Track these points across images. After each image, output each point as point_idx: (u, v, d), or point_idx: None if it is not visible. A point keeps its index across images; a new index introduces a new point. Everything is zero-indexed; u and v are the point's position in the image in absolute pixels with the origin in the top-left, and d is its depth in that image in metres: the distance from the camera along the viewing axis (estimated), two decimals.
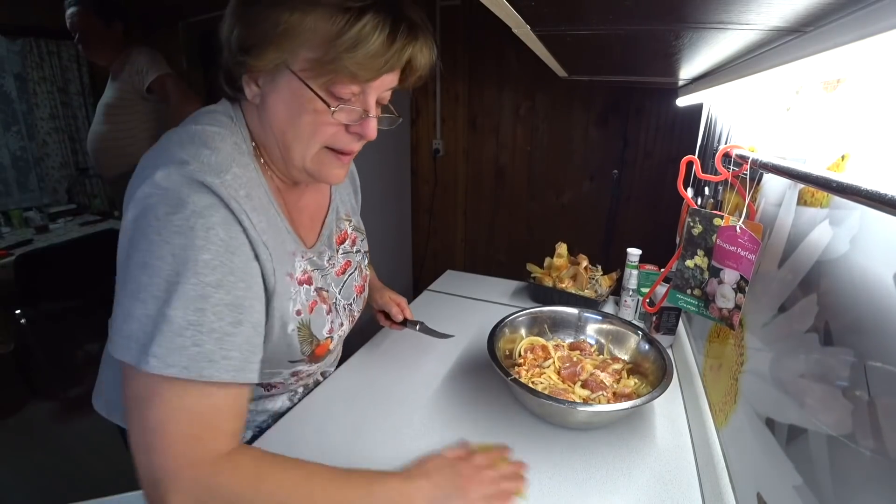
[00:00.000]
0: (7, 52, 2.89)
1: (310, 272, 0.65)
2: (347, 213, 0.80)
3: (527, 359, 0.88)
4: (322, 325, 0.66)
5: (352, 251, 0.78)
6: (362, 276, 0.80)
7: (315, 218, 0.71)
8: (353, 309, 0.77)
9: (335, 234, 0.74)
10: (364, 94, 0.54)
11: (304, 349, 0.64)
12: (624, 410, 0.70)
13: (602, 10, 0.38)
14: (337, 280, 0.72)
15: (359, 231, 0.83)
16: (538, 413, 0.78)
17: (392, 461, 0.70)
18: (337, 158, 0.59)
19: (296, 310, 0.60)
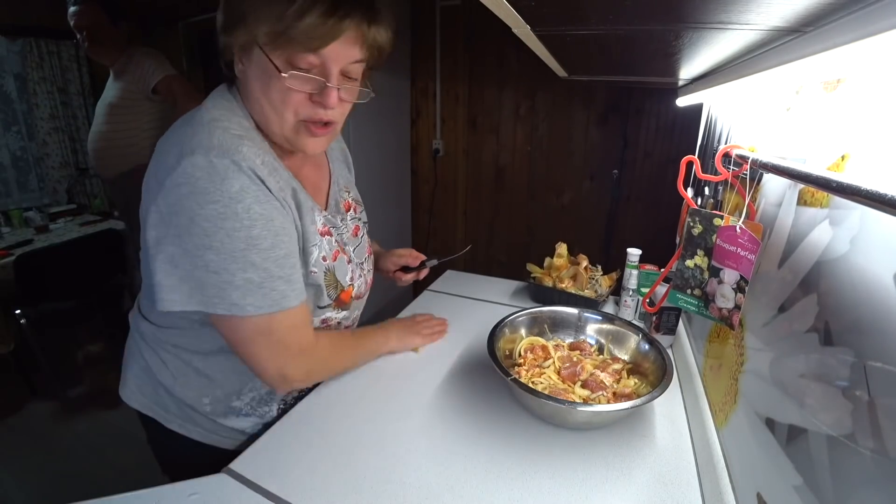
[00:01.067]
0: (7, 52, 2.89)
1: (328, 228, 0.74)
2: (346, 185, 0.87)
3: (527, 359, 0.88)
4: (345, 272, 0.75)
5: (358, 218, 0.86)
6: (368, 242, 0.89)
7: (319, 187, 0.79)
8: (365, 268, 0.85)
9: (341, 202, 0.82)
10: (324, 66, 0.60)
11: (331, 293, 0.73)
12: (624, 410, 0.70)
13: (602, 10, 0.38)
14: (352, 240, 0.81)
15: (358, 202, 0.90)
16: (538, 413, 0.78)
17: (392, 461, 0.70)
18: (307, 130, 0.64)
19: (322, 256, 0.70)
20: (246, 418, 0.79)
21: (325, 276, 0.71)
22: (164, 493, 0.63)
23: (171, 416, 0.76)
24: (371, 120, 2.10)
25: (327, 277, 0.72)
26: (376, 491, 0.64)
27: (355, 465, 0.69)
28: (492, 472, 0.68)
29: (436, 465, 0.69)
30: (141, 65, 1.85)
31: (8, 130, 2.99)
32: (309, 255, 0.68)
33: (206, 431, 0.77)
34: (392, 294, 2.43)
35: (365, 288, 0.84)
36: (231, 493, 0.64)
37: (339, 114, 0.66)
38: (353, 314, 0.85)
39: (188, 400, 0.74)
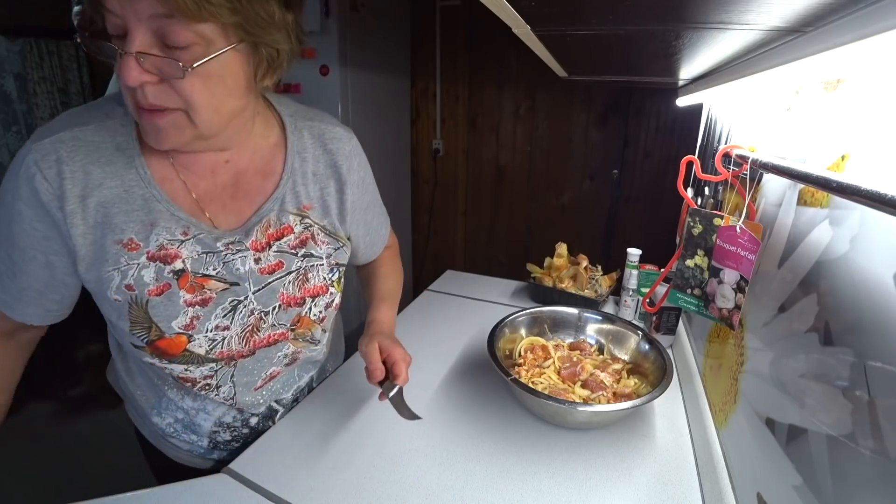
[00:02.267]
0: (7, 52, 2.89)
1: (181, 249, 0.56)
2: (305, 206, 0.66)
3: (527, 359, 0.88)
4: (172, 315, 0.56)
5: (293, 252, 0.64)
6: (305, 288, 0.66)
7: (245, 199, 0.62)
8: (263, 319, 0.63)
9: (270, 227, 0.62)
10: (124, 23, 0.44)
11: (138, 333, 0.56)
12: (624, 410, 0.70)
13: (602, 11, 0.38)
14: (258, 278, 0.62)
15: (328, 233, 0.68)
16: (538, 413, 0.78)
17: (392, 461, 0.70)
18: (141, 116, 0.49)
19: (125, 283, 0.54)
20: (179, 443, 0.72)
21: (130, 309, 0.55)
22: (163, 493, 0.63)
23: (130, 407, 0.75)
24: (371, 120, 2.10)
25: (132, 312, 0.55)
26: (376, 491, 0.64)
27: (355, 465, 0.69)
28: (492, 471, 0.68)
29: (436, 465, 0.69)
30: None
31: (8, 130, 2.99)
32: (107, 280, 0.54)
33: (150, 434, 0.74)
34: None
35: (243, 346, 0.63)
36: (231, 493, 0.64)
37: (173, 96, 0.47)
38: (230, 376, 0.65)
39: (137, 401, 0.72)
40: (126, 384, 0.72)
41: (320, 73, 1.85)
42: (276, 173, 0.64)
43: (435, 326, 1.13)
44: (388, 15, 2.13)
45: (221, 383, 0.65)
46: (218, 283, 0.59)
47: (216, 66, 0.48)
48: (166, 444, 0.73)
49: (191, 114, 0.49)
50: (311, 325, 0.69)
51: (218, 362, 0.62)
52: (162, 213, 0.56)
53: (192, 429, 0.70)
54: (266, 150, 0.63)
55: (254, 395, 0.70)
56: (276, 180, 0.64)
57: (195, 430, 0.70)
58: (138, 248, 0.55)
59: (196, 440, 0.71)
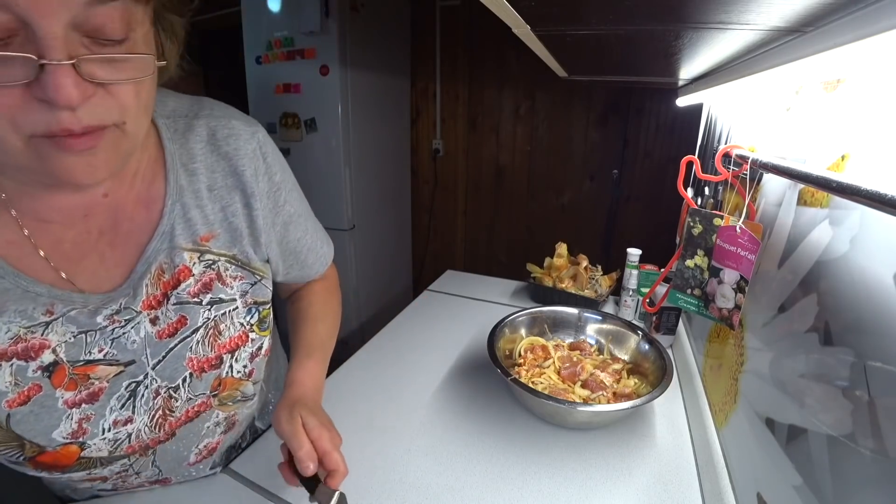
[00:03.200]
0: None
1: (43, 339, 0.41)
2: (203, 237, 0.50)
3: (527, 359, 0.88)
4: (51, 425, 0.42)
5: (194, 302, 0.49)
6: (218, 344, 0.51)
7: (125, 245, 0.47)
8: (175, 397, 0.49)
9: (164, 273, 0.48)
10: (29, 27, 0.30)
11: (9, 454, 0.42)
12: (624, 410, 0.70)
13: (602, 11, 0.38)
14: (156, 346, 0.47)
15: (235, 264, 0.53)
16: (538, 413, 0.78)
17: (392, 461, 0.70)
18: (57, 146, 0.34)
19: None
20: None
21: None
22: (163, 494, 0.63)
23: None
24: (371, 120, 2.10)
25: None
26: (376, 491, 0.64)
27: (355, 464, 0.69)
28: (492, 471, 0.68)
29: (436, 465, 0.69)
30: None
31: None
32: None
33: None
34: (392, 294, 2.43)
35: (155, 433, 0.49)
36: (231, 494, 0.64)
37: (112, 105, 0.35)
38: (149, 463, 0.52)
39: None
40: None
41: (320, 73, 1.85)
42: (159, 199, 0.48)
43: (435, 326, 1.13)
44: (388, 15, 2.13)
45: (142, 470, 0.52)
46: (108, 368, 0.45)
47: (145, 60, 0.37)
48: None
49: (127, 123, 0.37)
50: (238, 384, 0.55)
51: (130, 457, 0.49)
52: (9, 292, 0.40)
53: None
54: (146, 168, 0.47)
55: (189, 470, 0.58)
56: (158, 212, 0.48)
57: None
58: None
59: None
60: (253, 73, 2.05)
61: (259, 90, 2.05)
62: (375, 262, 2.24)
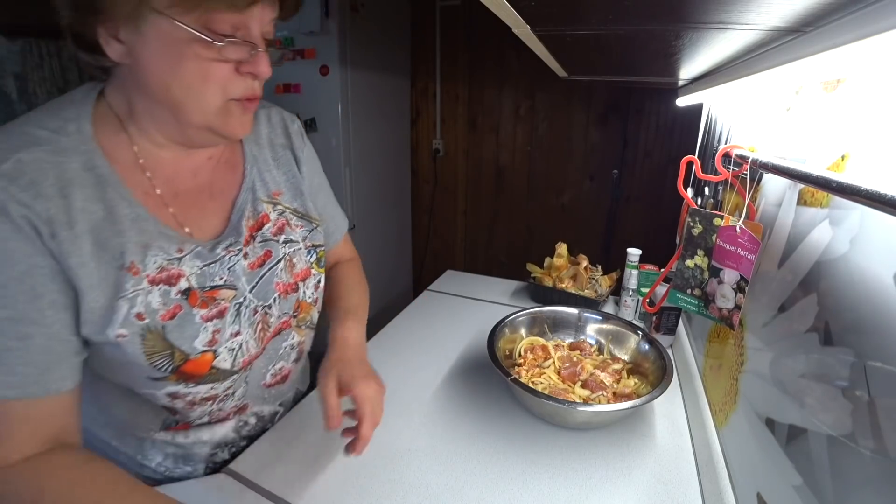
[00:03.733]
0: (7, 52, 2.89)
1: (182, 267, 0.52)
2: (277, 192, 0.65)
3: (527, 359, 0.88)
4: (193, 334, 0.53)
5: (275, 240, 0.62)
6: (295, 272, 0.64)
7: (219, 201, 0.59)
8: (268, 314, 0.61)
9: (249, 219, 0.60)
10: (247, 28, 0.47)
11: (159, 363, 0.51)
12: (624, 410, 0.70)
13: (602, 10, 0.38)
14: (251, 274, 0.59)
15: (300, 216, 0.67)
16: (538, 413, 0.78)
17: (392, 461, 0.70)
18: (241, 107, 0.51)
19: (135, 312, 0.49)
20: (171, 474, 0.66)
21: (144, 340, 0.50)
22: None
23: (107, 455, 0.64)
24: (371, 120, 2.10)
25: (148, 342, 0.50)
26: (376, 491, 0.64)
27: (355, 464, 0.69)
28: (492, 471, 0.68)
29: (436, 465, 0.69)
30: None
31: None
32: (111, 314, 0.48)
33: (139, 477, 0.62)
34: (392, 294, 2.43)
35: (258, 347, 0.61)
36: (231, 493, 0.64)
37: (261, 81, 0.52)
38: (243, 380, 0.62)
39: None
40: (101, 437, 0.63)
41: (320, 73, 1.85)
42: (239, 163, 0.62)
43: (435, 326, 1.13)
44: (388, 15, 2.13)
45: (236, 389, 0.62)
46: (227, 292, 0.56)
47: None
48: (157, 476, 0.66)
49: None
50: (309, 309, 0.68)
51: (237, 375, 0.59)
52: (152, 232, 0.51)
53: (185, 460, 0.66)
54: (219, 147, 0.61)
55: (263, 393, 0.68)
56: (241, 170, 0.62)
57: (190, 461, 0.66)
58: (139, 273, 0.49)
59: (191, 470, 0.67)
60: None
61: None
62: (375, 262, 2.24)
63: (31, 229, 0.44)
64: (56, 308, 0.46)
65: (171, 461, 0.65)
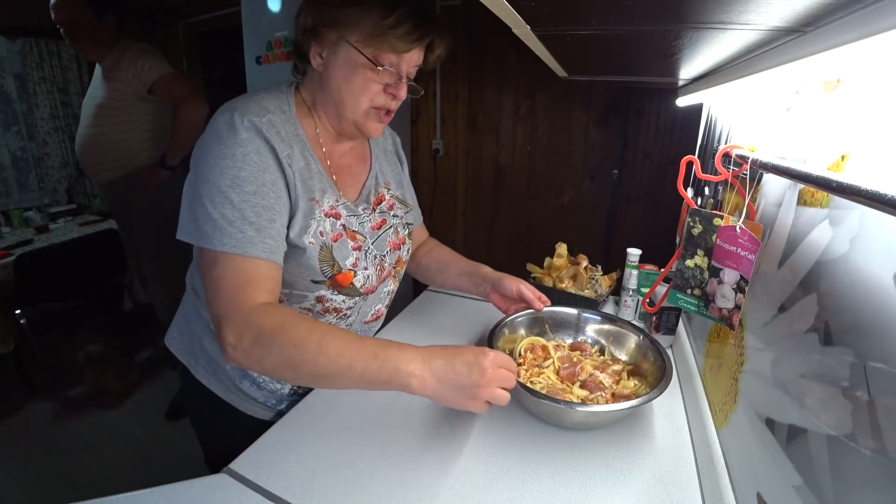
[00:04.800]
0: (7, 52, 2.89)
1: (339, 210, 0.76)
2: (388, 182, 0.90)
3: (526, 359, 0.88)
4: (346, 255, 0.75)
5: (388, 213, 0.87)
6: (398, 237, 0.88)
7: (357, 177, 0.84)
8: (384, 260, 0.84)
9: (373, 196, 0.85)
10: (399, 65, 0.71)
11: (325, 269, 0.73)
12: (622, 411, 0.70)
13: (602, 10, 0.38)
14: (372, 233, 0.82)
15: (400, 201, 0.91)
16: (535, 412, 0.78)
17: (392, 461, 0.70)
18: (377, 114, 0.75)
19: (319, 230, 0.72)
20: (259, 390, 0.83)
21: (321, 250, 0.72)
22: (163, 493, 0.63)
23: (199, 367, 0.83)
24: None
25: (322, 252, 0.72)
26: (376, 491, 0.64)
27: (355, 464, 0.69)
28: (492, 471, 0.68)
29: (436, 465, 0.69)
30: (135, 63, 1.71)
31: (8, 130, 2.99)
32: (307, 227, 0.70)
33: (226, 389, 0.83)
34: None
35: (376, 281, 0.82)
36: (231, 493, 0.64)
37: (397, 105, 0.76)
38: (359, 308, 0.83)
39: (213, 354, 0.81)
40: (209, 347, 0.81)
41: None
42: (367, 158, 0.88)
43: (435, 326, 1.13)
44: None
45: (352, 314, 0.82)
46: (360, 237, 0.79)
47: None
48: (238, 397, 0.84)
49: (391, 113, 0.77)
50: (403, 265, 0.91)
51: (360, 297, 0.81)
52: (326, 184, 0.75)
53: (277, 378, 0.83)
54: (363, 140, 0.88)
55: (362, 328, 0.88)
56: (369, 163, 0.88)
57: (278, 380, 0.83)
58: (320, 205, 0.73)
59: (279, 388, 0.84)
60: (253, 73, 2.05)
61: None
62: None
63: (277, 159, 0.67)
64: (285, 208, 0.69)
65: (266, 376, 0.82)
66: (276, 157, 0.67)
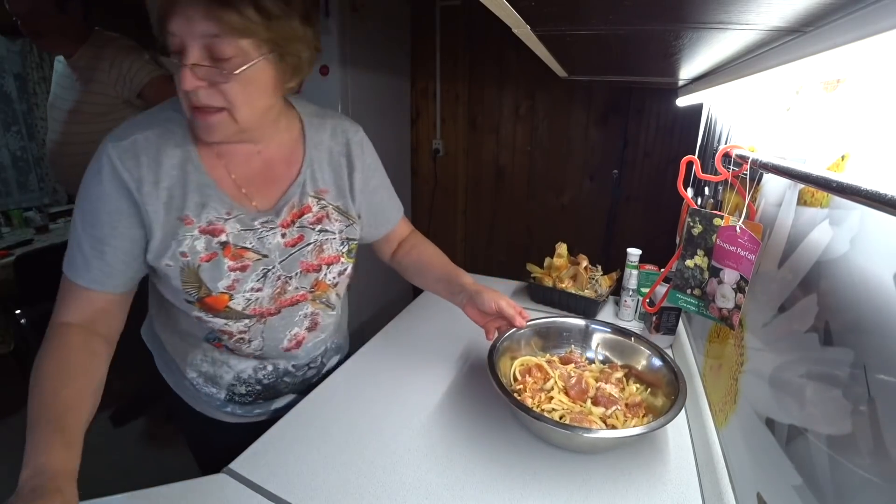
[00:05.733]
0: (7, 52, 2.89)
1: (225, 226, 0.68)
2: (323, 190, 0.77)
3: (527, 383, 0.81)
4: (218, 277, 0.68)
5: (311, 228, 0.76)
6: (322, 256, 0.77)
7: (276, 184, 0.74)
8: (289, 283, 0.75)
9: (296, 206, 0.74)
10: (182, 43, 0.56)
11: (190, 291, 0.68)
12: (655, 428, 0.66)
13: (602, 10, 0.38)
14: (283, 250, 0.73)
15: (341, 212, 0.79)
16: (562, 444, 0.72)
17: (392, 461, 0.70)
18: (194, 115, 0.61)
19: (180, 251, 0.66)
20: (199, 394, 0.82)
21: (182, 272, 0.67)
22: (163, 493, 0.63)
23: (157, 356, 0.85)
24: (371, 120, 2.10)
25: (185, 274, 0.67)
26: (376, 491, 0.64)
27: (355, 465, 0.69)
28: (492, 471, 0.68)
29: (436, 465, 0.69)
30: (120, 64, 1.52)
31: (8, 130, 2.99)
32: (165, 249, 0.65)
33: (176, 381, 0.84)
34: (392, 294, 2.43)
35: (271, 304, 0.74)
36: (231, 493, 0.64)
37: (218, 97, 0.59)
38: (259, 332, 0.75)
39: (165, 343, 0.82)
40: (161, 340, 0.82)
41: (320, 73, 1.85)
42: (298, 162, 0.75)
43: (435, 326, 1.13)
44: (388, 15, 2.13)
45: (253, 338, 0.75)
46: (253, 255, 0.71)
47: (252, 72, 0.59)
48: (188, 393, 0.83)
49: (232, 112, 0.61)
50: (327, 289, 0.81)
51: (251, 318, 0.73)
52: (211, 196, 0.67)
53: (213, 381, 0.80)
54: (289, 142, 0.75)
55: (281, 357, 0.81)
56: (298, 167, 0.75)
57: (216, 383, 0.80)
58: (192, 223, 0.66)
59: (215, 392, 0.81)
60: None
61: None
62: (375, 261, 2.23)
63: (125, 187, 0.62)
64: (126, 237, 0.65)
65: (202, 379, 0.80)
66: (124, 185, 0.62)
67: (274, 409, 0.87)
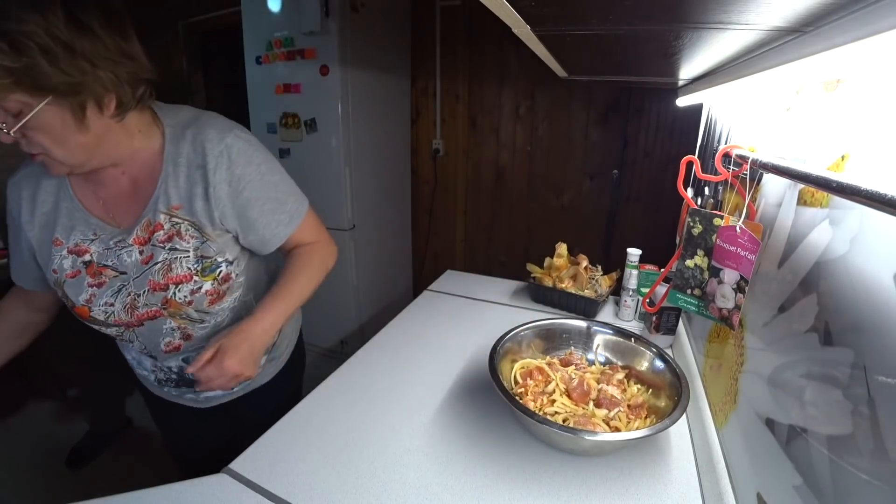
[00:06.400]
0: None
1: (89, 246, 0.74)
2: (174, 206, 0.74)
3: (528, 386, 0.81)
4: (79, 292, 0.75)
5: (161, 246, 0.74)
6: (168, 276, 0.75)
7: (136, 203, 0.75)
8: (137, 300, 0.75)
9: (150, 224, 0.74)
10: None
11: (65, 301, 0.77)
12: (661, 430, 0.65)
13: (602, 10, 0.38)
14: (138, 267, 0.75)
15: (196, 227, 0.75)
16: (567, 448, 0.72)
17: (392, 461, 0.70)
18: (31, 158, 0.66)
19: (52, 268, 0.74)
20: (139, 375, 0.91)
21: (56, 285, 0.75)
22: (163, 493, 0.63)
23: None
24: (371, 120, 2.10)
25: (57, 287, 0.75)
26: (376, 491, 0.64)
27: (355, 465, 0.69)
28: (492, 471, 0.68)
29: (436, 465, 0.69)
30: None
31: None
32: (47, 266, 0.75)
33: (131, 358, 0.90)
34: (392, 294, 2.43)
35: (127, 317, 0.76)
36: (231, 493, 0.64)
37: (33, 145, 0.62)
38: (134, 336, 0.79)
39: None
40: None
41: (320, 73, 1.85)
42: (144, 181, 0.75)
43: (435, 326, 1.13)
44: (388, 15, 2.13)
45: (132, 340, 0.80)
46: (111, 272, 0.75)
47: (40, 120, 0.59)
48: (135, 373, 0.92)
49: (49, 154, 0.63)
50: (180, 307, 0.77)
51: (118, 327, 0.78)
52: (79, 219, 0.74)
53: (142, 365, 0.87)
54: (150, 158, 0.74)
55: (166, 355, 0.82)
56: (150, 188, 0.74)
57: (144, 367, 0.87)
58: (62, 245, 0.74)
59: (146, 375, 0.88)
60: (253, 73, 2.04)
61: (259, 90, 2.05)
62: (375, 262, 2.24)
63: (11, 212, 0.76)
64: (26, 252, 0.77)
65: (135, 362, 0.88)
66: (11, 213, 0.75)
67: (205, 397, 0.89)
